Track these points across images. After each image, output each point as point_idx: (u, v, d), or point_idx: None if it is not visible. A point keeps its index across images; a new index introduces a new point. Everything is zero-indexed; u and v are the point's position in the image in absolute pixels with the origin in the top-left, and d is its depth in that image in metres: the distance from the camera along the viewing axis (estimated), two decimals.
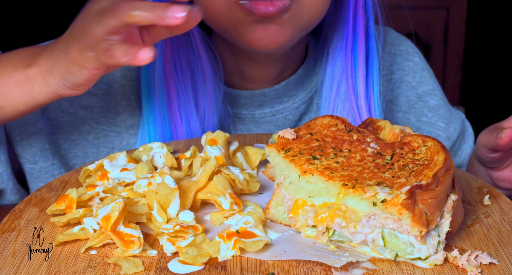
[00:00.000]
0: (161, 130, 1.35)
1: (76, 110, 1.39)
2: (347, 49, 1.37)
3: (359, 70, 1.37)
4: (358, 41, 1.37)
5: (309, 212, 0.92)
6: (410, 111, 1.54)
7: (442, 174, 0.91)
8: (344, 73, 1.38)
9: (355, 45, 1.37)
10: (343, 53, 1.38)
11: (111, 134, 1.41)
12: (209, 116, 1.37)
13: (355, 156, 0.98)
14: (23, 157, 1.36)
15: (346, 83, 1.38)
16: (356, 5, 1.36)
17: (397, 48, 1.55)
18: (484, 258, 0.88)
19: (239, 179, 1.02)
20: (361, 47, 1.37)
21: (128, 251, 0.89)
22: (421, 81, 1.55)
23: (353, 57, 1.38)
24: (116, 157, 1.09)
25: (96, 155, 1.41)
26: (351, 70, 1.38)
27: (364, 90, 1.37)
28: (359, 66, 1.37)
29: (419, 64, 1.56)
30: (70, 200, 0.97)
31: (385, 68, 1.52)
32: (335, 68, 1.39)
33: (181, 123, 1.35)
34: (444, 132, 1.54)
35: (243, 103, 1.43)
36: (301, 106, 1.46)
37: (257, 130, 1.45)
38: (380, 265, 0.88)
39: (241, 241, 0.89)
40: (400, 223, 0.87)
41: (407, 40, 1.59)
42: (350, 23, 1.36)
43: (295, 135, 1.02)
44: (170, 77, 1.34)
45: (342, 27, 1.38)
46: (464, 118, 1.62)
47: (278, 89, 1.42)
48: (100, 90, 1.39)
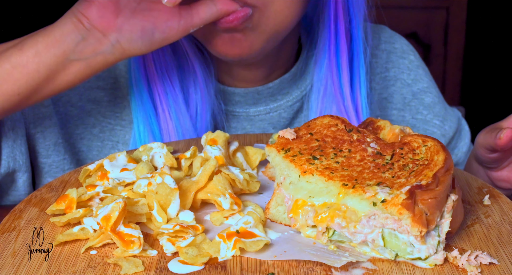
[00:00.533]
0: (150, 128, 1.35)
1: (84, 104, 1.40)
2: (330, 51, 1.37)
3: (343, 71, 1.37)
4: (340, 43, 1.36)
5: (309, 212, 0.92)
6: (405, 109, 1.54)
7: (442, 174, 0.91)
8: (330, 74, 1.37)
9: (337, 46, 1.37)
10: (326, 54, 1.38)
11: (116, 128, 1.42)
12: (201, 112, 1.37)
13: (355, 156, 0.98)
14: (36, 151, 1.36)
15: (332, 85, 1.37)
16: (336, 6, 1.35)
17: (392, 46, 1.55)
18: (484, 258, 0.88)
19: (239, 179, 1.02)
20: (343, 49, 1.36)
21: (128, 251, 0.89)
22: (416, 79, 1.55)
23: (336, 59, 1.37)
24: (116, 157, 1.09)
25: (101, 149, 1.41)
26: (336, 71, 1.38)
27: (349, 91, 1.37)
28: (343, 68, 1.37)
29: (414, 62, 1.56)
30: (70, 200, 0.97)
31: (379, 66, 1.53)
32: (322, 69, 1.39)
33: (171, 120, 1.35)
34: (439, 129, 1.54)
35: (237, 101, 1.43)
36: (295, 104, 1.46)
37: (252, 128, 1.46)
38: (380, 265, 0.88)
39: (241, 241, 0.89)
40: (400, 223, 0.87)
41: (402, 38, 1.59)
42: (332, 25, 1.36)
43: (295, 136, 1.02)
44: (153, 74, 1.34)
45: (324, 28, 1.37)
46: (460, 116, 1.62)
47: (271, 87, 1.42)
48: (108, 85, 1.40)
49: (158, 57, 1.35)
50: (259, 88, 1.42)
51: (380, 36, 1.55)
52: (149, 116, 1.35)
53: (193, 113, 1.37)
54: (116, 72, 1.41)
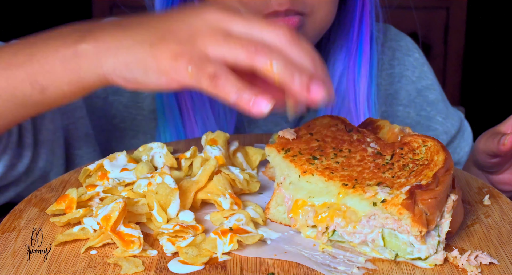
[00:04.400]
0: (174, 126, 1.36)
1: (108, 95, 1.40)
2: (350, 50, 1.39)
3: (362, 71, 1.39)
4: (363, 44, 1.38)
5: (309, 212, 0.92)
6: (410, 105, 1.55)
7: (442, 174, 0.91)
8: (345, 72, 1.39)
9: (360, 46, 1.39)
10: (344, 53, 1.40)
11: (138, 118, 1.42)
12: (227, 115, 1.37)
13: (355, 156, 0.98)
14: (67, 142, 1.35)
15: (346, 82, 1.39)
16: (363, 9, 1.37)
17: (398, 44, 1.58)
18: (484, 258, 0.88)
19: (239, 179, 1.02)
20: (365, 50, 1.39)
21: (128, 251, 0.89)
22: (420, 76, 1.56)
23: (358, 58, 1.39)
24: (116, 157, 1.09)
25: (121, 139, 1.41)
26: (353, 70, 1.39)
27: (365, 90, 1.39)
28: (362, 67, 1.39)
29: (419, 59, 1.58)
30: (70, 200, 0.97)
31: (385, 63, 1.54)
32: (335, 66, 1.40)
33: (197, 128, 1.36)
34: (442, 126, 1.55)
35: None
36: None
37: (265, 122, 1.46)
38: (380, 265, 0.88)
39: (237, 236, 0.89)
40: (400, 223, 0.87)
41: (407, 37, 1.62)
42: (356, 25, 1.38)
43: (295, 136, 1.02)
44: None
45: (346, 27, 1.39)
46: (463, 118, 1.63)
47: None
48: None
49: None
50: None
51: (386, 34, 1.57)
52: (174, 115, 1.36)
53: (218, 117, 1.38)
54: None
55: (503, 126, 1.23)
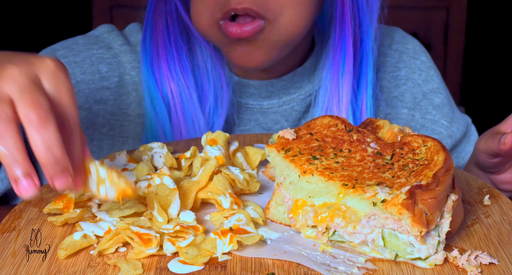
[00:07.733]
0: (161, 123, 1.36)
1: (91, 105, 1.40)
2: (336, 50, 1.39)
3: (346, 73, 1.39)
4: (347, 44, 1.38)
5: (309, 212, 0.92)
6: (415, 108, 1.55)
7: (442, 174, 0.91)
8: (335, 74, 1.39)
9: (344, 48, 1.38)
10: (331, 53, 1.40)
11: (125, 124, 1.42)
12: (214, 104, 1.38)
13: (355, 156, 0.98)
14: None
15: (336, 84, 1.39)
16: (344, 8, 1.36)
17: (405, 47, 1.57)
18: (484, 258, 0.88)
19: (239, 179, 1.02)
20: (349, 51, 1.38)
21: (145, 250, 0.88)
22: (427, 80, 1.56)
23: (343, 59, 1.39)
24: (116, 157, 1.09)
25: (111, 147, 1.41)
26: (341, 72, 1.40)
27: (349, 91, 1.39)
28: (347, 69, 1.39)
29: (425, 63, 1.58)
30: (68, 200, 0.97)
31: (391, 65, 1.54)
32: (329, 66, 1.41)
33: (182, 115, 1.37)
34: (446, 130, 1.55)
35: (252, 94, 1.44)
36: (307, 98, 1.47)
37: (265, 120, 1.46)
38: (380, 265, 0.88)
39: (237, 236, 0.89)
40: (400, 223, 0.87)
41: (415, 40, 1.62)
42: (337, 26, 1.37)
43: (295, 136, 1.02)
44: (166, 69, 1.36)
45: (334, 28, 1.39)
46: (470, 123, 1.63)
47: (285, 79, 1.44)
48: (113, 83, 1.41)
49: (171, 50, 1.36)
50: (273, 81, 1.43)
51: (393, 37, 1.57)
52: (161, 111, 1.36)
53: (206, 105, 1.38)
54: (120, 70, 1.41)
55: (503, 126, 1.23)
